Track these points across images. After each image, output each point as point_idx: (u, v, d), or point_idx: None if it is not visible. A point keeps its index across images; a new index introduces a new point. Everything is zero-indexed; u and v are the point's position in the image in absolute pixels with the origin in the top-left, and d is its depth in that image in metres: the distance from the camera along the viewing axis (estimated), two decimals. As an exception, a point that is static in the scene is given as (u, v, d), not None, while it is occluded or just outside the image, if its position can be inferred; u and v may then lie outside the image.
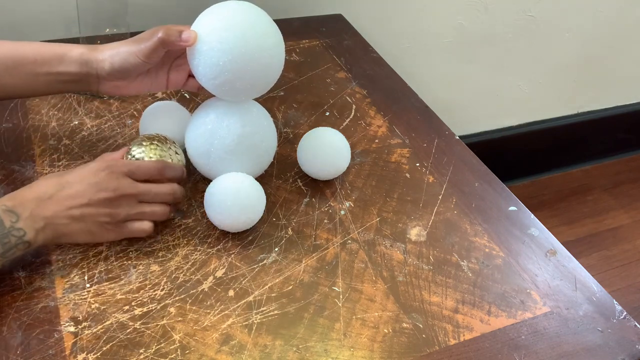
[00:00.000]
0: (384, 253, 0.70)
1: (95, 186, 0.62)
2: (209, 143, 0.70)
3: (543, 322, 0.65)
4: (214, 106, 0.71)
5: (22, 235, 0.58)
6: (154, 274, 0.65)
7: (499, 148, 1.67)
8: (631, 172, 1.89)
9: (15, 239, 0.58)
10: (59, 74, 0.68)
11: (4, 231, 0.57)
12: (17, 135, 0.81)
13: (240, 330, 0.60)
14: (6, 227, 0.57)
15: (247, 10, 0.67)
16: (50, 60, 0.68)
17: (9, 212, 0.58)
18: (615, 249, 1.63)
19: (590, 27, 1.58)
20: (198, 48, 0.65)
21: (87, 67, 0.68)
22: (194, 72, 0.68)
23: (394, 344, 0.61)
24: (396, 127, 0.92)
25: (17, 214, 0.58)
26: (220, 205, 0.67)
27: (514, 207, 0.79)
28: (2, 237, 0.57)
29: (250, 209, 0.68)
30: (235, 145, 0.70)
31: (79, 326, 0.59)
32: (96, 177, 0.62)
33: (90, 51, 0.68)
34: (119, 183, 0.63)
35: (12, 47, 0.68)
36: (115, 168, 0.64)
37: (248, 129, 0.70)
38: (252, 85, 0.68)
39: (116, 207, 0.63)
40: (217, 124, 0.69)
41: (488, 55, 1.49)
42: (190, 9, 1.11)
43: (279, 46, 0.68)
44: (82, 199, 0.61)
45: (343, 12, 1.23)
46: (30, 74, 0.68)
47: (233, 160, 0.70)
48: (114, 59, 0.67)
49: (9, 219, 0.58)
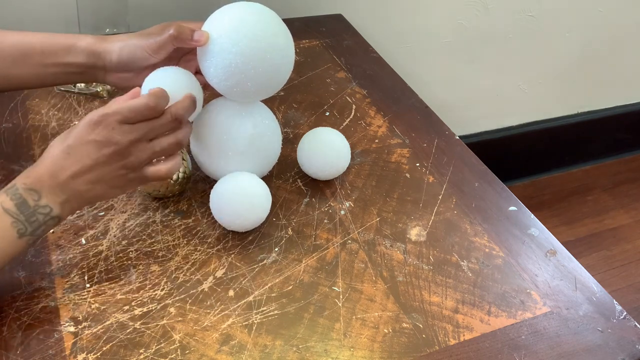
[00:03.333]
0: (384, 253, 0.70)
1: (96, 144, 0.59)
2: (219, 144, 0.70)
3: (543, 322, 0.65)
4: (224, 107, 0.70)
5: (49, 212, 0.58)
6: (154, 274, 0.65)
7: (499, 148, 1.67)
8: (631, 172, 1.89)
9: (42, 216, 0.57)
10: (67, 65, 0.68)
11: (29, 210, 0.57)
12: (17, 135, 0.81)
13: (240, 330, 0.60)
14: (31, 206, 0.57)
15: (257, 11, 0.67)
16: (58, 51, 0.68)
17: (30, 191, 0.57)
18: (615, 249, 1.63)
19: (590, 27, 1.58)
20: (209, 49, 0.65)
21: (94, 58, 0.68)
22: (205, 74, 0.68)
23: (394, 344, 0.61)
24: (396, 127, 0.92)
25: (37, 191, 0.57)
26: (230, 204, 0.67)
27: (514, 207, 0.79)
28: (28, 215, 0.56)
29: (259, 208, 0.68)
30: (247, 146, 0.70)
31: (79, 326, 0.59)
32: (92, 134, 0.59)
33: (98, 42, 0.68)
34: (118, 133, 0.59)
35: (18, 37, 0.68)
36: (108, 118, 0.59)
37: (259, 130, 0.71)
38: (263, 86, 0.68)
39: (128, 157, 0.60)
40: (228, 125, 0.69)
41: (488, 55, 1.49)
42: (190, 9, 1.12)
43: (289, 46, 0.68)
44: (89, 160, 0.59)
45: (343, 12, 1.23)
46: (38, 65, 0.68)
47: (242, 161, 0.71)
48: (122, 51, 0.67)
49: (31, 197, 0.57)
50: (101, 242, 0.68)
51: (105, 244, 0.67)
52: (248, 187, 0.68)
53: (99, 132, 0.59)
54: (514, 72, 1.57)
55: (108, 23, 0.92)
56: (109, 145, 0.59)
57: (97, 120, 0.59)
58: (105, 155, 0.59)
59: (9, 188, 0.57)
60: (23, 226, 0.56)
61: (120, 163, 0.60)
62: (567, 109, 1.75)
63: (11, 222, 0.56)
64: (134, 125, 0.60)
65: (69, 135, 0.60)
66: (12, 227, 0.56)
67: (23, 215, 0.56)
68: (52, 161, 0.59)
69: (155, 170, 0.62)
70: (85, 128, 0.59)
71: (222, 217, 0.68)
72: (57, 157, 0.59)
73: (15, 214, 0.56)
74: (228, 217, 0.68)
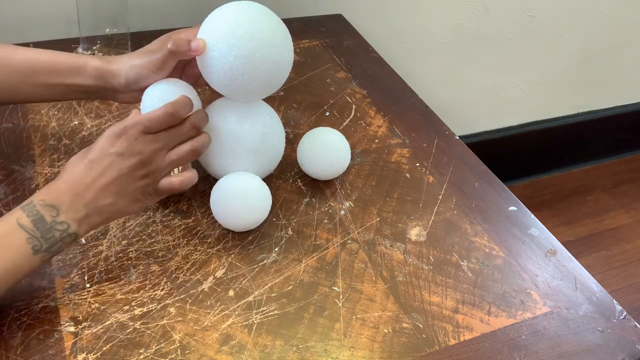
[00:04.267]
0: (384, 253, 0.70)
1: (120, 155, 0.60)
2: (230, 144, 0.70)
3: (543, 322, 0.65)
4: (230, 107, 0.71)
5: (65, 229, 0.57)
6: (154, 274, 0.65)
7: (499, 148, 1.67)
8: (631, 172, 1.89)
9: (59, 232, 0.57)
10: (75, 86, 0.69)
11: (46, 227, 0.56)
12: (17, 135, 0.81)
13: (240, 330, 0.60)
14: (47, 222, 0.56)
15: (251, 10, 0.66)
16: (66, 72, 0.69)
17: (49, 207, 0.57)
18: (615, 249, 1.63)
19: (590, 27, 1.58)
20: (209, 56, 0.65)
21: (103, 81, 0.69)
22: (208, 80, 0.68)
23: (394, 344, 0.61)
24: (396, 127, 0.92)
25: (56, 207, 0.57)
26: (230, 205, 0.67)
27: (514, 207, 0.79)
28: (45, 232, 0.56)
29: (259, 208, 0.68)
30: (258, 145, 0.70)
31: (79, 326, 0.59)
32: (115, 146, 0.60)
33: (105, 65, 0.69)
34: (141, 143, 0.60)
35: (26, 55, 0.69)
36: (130, 130, 0.61)
37: (269, 129, 0.71)
38: (267, 84, 0.68)
39: (149, 166, 0.61)
40: (239, 125, 0.70)
41: (488, 55, 1.49)
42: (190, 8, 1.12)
43: (287, 41, 0.68)
44: (113, 172, 0.59)
45: (343, 12, 1.23)
46: (46, 84, 0.69)
47: (252, 160, 0.71)
48: (128, 74, 0.68)
49: (50, 213, 0.57)
50: (101, 242, 0.68)
51: (105, 243, 0.67)
52: (248, 188, 0.68)
53: (121, 144, 0.60)
54: (514, 72, 1.57)
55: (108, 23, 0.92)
56: (133, 156, 0.60)
57: (118, 133, 0.60)
58: (129, 166, 0.60)
59: (26, 205, 0.57)
60: (38, 242, 0.56)
61: (143, 172, 0.61)
62: (567, 109, 1.75)
63: (26, 238, 0.56)
64: (155, 134, 0.62)
65: (89, 151, 0.61)
66: (27, 243, 0.56)
67: (39, 232, 0.56)
68: (73, 177, 0.59)
69: (168, 182, 0.63)
70: (107, 141, 0.60)
71: (222, 218, 0.68)
72: (79, 173, 0.59)
73: (31, 230, 0.56)
74: (228, 217, 0.68)
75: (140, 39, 0.91)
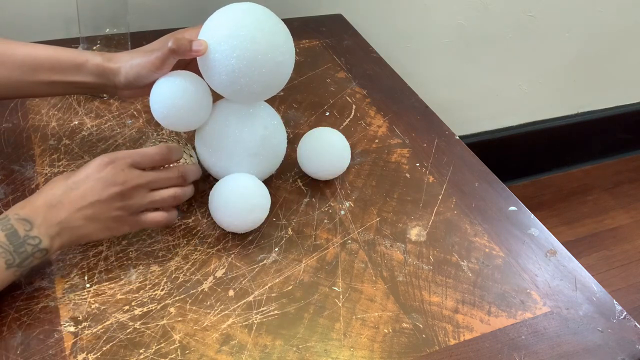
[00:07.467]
0: (384, 253, 0.70)
1: (103, 182, 0.61)
2: (230, 146, 0.70)
3: (543, 322, 0.65)
4: (231, 109, 0.70)
5: (37, 244, 0.57)
6: (154, 274, 0.65)
7: (499, 148, 1.67)
8: (631, 172, 1.89)
9: (30, 247, 0.57)
10: (76, 82, 0.70)
11: (19, 240, 0.57)
12: (17, 135, 0.81)
13: (240, 330, 0.60)
14: (21, 236, 0.57)
15: (252, 12, 0.66)
16: (66, 69, 0.69)
17: (23, 221, 0.57)
18: (615, 249, 1.63)
19: (590, 27, 1.58)
20: (210, 57, 0.65)
21: (103, 79, 0.69)
22: (209, 82, 0.68)
23: (394, 344, 0.61)
24: (396, 127, 0.92)
25: (30, 221, 0.57)
26: (228, 206, 0.67)
27: (514, 207, 0.79)
28: (17, 246, 0.56)
29: (258, 209, 0.68)
30: (259, 148, 0.70)
31: (79, 326, 0.59)
32: (102, 172, 0.61)
33: (106, 63, 0.69)
34: (126, 175, 0.62)
35: (28, 50, 0.69)
36: (119, 160, 0.62)
37: (269, 131, 0.71)
38: (269, 85, 0.68)
39: (128, 200, 0.62)
40: (240, 127, 0.70)
41: (488, 55, 1.49)
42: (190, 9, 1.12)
43: (289, 43, 0.68)
44: (92, 197, 0.60)
45: (343, 12, 1.23)
46: (47, 79, 0.69)
47: (253, 162, 0.71)
48: (128, 73, 0.68)
49: (23, 227, 0.57)
50: (101, 241, 0.68)
51: (105, 243, 0.67)
52: (246, 189, 0.68)
53: (108, 172, 0.61)
54: (514, 72, 1.57)
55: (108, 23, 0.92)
56: (115, 185, 0.61)
57: (107, 162, 0.62)
58: (108, 194, 0.61)
59: (1, 219, 0.57)
60: (11, 257, 0.56)
61: (120, 204, 0.62)
62: (567, 109, 1.75)
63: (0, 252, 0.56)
64: (142, 171, 0.63)
65: (76, 173, 0.62)
66: (0, 257, 0.56)
67: (12, 246, 0.56)
68: (52, 193, 0.60)
69: (153, 217, 0.65)
70: (95, 167, 0.62)
71: (220, 219, 0.68)
72: (59, 191, 0.60)
73: (5, 244, 0.56)
74: (227, 218, 0.67)
75: (140, 39, 0.91)
